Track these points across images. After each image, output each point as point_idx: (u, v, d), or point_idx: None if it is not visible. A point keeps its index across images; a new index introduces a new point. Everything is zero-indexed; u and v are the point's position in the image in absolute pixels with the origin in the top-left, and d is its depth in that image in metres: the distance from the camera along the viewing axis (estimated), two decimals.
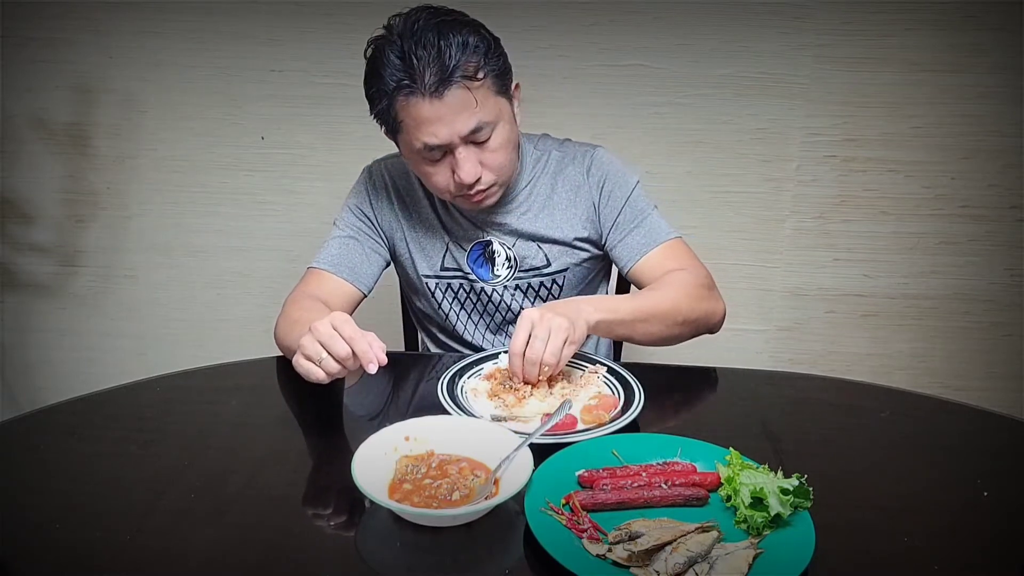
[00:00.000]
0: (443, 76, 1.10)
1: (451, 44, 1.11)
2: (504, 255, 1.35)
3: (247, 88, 2.03)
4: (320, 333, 1.00)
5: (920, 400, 1.19)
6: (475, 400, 1.10)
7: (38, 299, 2.27)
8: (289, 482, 0.93)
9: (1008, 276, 2.06)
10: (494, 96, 1.17)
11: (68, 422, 1.08)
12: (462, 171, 1.17)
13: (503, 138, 1.19)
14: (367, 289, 1.36)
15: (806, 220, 2.06)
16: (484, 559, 0.81)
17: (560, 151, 1.37)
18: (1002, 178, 1.97)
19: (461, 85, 1.11)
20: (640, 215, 1.32)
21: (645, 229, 1.32)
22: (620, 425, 1.00)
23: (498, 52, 1.17)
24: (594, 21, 1.92)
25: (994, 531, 0.86)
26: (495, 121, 1.17)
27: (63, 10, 1.99)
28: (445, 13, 1.15)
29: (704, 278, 1.28)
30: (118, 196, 2.16)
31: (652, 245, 1.31)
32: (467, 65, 1.12)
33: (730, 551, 0.78)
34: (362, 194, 1.39)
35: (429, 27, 1.11)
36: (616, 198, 1.33)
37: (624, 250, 1.33)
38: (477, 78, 1.13)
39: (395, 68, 1.12)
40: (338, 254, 1.34)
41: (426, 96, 1.11)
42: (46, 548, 0.80)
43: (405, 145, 1.21)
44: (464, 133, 1.14)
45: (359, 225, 1.38)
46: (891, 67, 1.90)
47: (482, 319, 1.41)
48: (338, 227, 1.38)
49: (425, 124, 1.14)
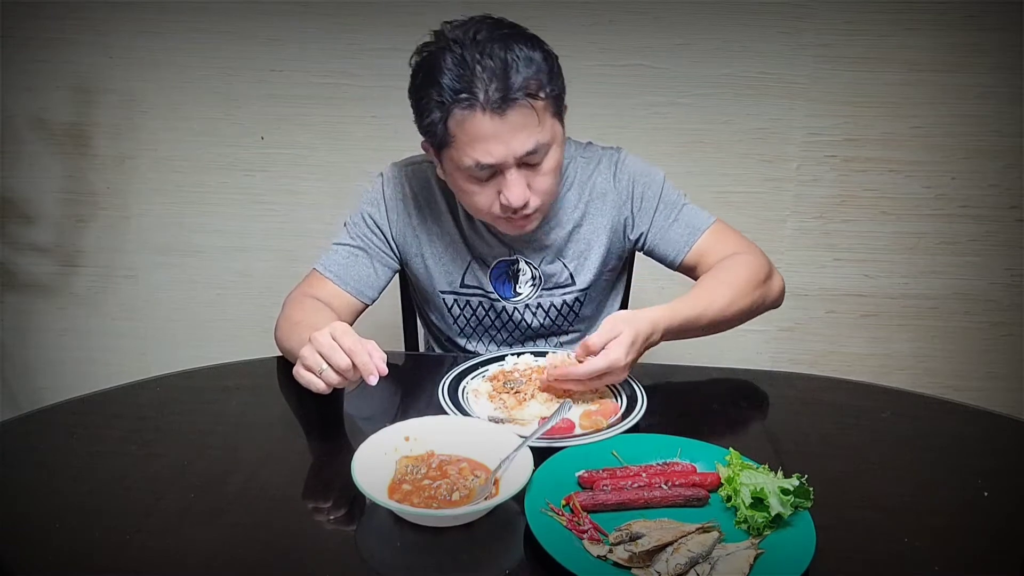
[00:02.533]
0: (507, 92, 1.04)
1: (518, 59, 1.05)
2: (529, 273, 1.31)
3: (247, 88, 2.03)
4: (320, 344, 0.99)
5: (920, 400, 1.19)
6: (475, 401, 1.10)
7: (38, 299, 2.27)
8: (289, 482, 0.93)
9: (1008, 276, 2.06)
10: (551, 117, 1.12)
11: (68, 422, 1.08)
12: (511, 194, 1.11)
13: (554, 162, 1.14)
14: (371, 301, 1.33)
15: (806, 220, 2.06)
16: (484, 559, 0.81)
17: (585, 157, 1.32)
18: (1002, 178, 1.97)
19: (525, 103, 1.06)
20: (675, 208, 1.30)
21: (684, 220, 1.30)
22: (616, 432, 1.00)
23: (559, 71, 1.12)
24: (594, 21, 1.91)
25: (994, 531, 0.86)
26: (550, 143, 1.12)
27: (63, 10, 1.99)
28: (509, 25, 1.09)
29: (760, 259, 1.26)
30: (118, 196, 2.16)
31: (696, 234, 1.29)
32: (532, 82, 1.06)
33: (731, 551, 0.78)
34: (376, 203, 1.32)
35: (495, 38, 1.05)
36: (649, 198, 1.30)
37: (668, 246, 1.30)
38: (540, 97, 1.08)
39: (455, 78, 1.05)
40: (344, 264, 1.30)
41: (487, 112, 1.05)
42: (46, 548, 0.80)
43: (451, 160, 1.13)
44: (520, 154, 1.09)
45: (370, 236, 1.32)
46: (891, 67, 1.90)
47: (499, 334, 1.37)
48: (348, 233, 1.33)
49: (481, 141, 1.07)
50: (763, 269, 1.25)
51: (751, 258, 1.25)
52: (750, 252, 1.27)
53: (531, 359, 1.19)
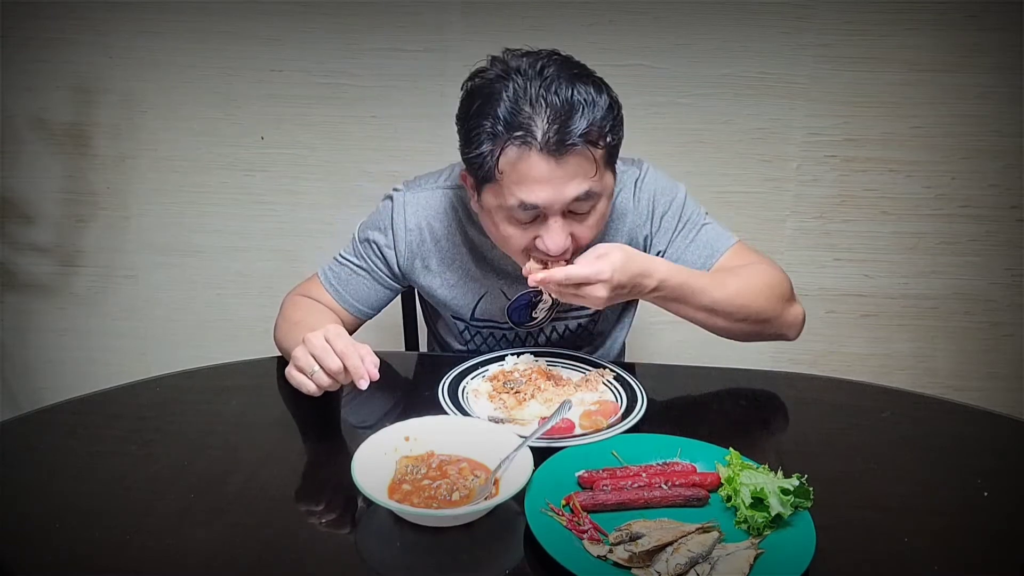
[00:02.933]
0: (568, 136, 0.98)
1: (583, 101, 0.99)
2: (550, 302, 1.27)
3: (247, 88, 2.03)
4: (313, 346, 0.99)
5: (920, 400, 1.19)
6: (475, 401, 1.10)
7: (38, 299, 2.27)
8: (289, 482, 0.94)
9: (1008, 276, 2.06)
10: (605, 168, 1.05)
11: (68, 422, 1.08)
12: (551, 241, 1.04)
13: (600, 214, 1.08)
14: (368, 317, 1.32)
15: (806, 220, 2.05)
16: (484, 559, 0.81)
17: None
18: (1002, 178, 1.97)
19: (583, 150, 1.00)
20: (695, 227, 1.24)
21: (702, 241, 1.23)
22: (616, 432, 1.00)
23: (621, 121, 1.06)
24: (594, 21, 1.91)
25: (994, 531, 0.86)
26: (601, 194, 1.06)
27: (63, 10, 1.99)
28: (577, 65, 1.05)
29: (781, 275, 1.20)
30: (118, 196, 2.16)
31: (715, 256, 1.22)
32: (594, 129, 1.00)
33: (731, 551, 0.78)
34: (384, 230, 1.25)
35: (562, 76, 1.00)
36: (668, 219, 1.24)
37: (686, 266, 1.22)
38: (599, 145, 1.02)
39: (513, 112, 0.99)
40: (345, 280, 1.28)
41: (543, 153, 0.99)
42: (46, 548, 0.80)
43: (493, 196, 1.06)
44: (569, 200, 1.02)
45: (374, 260, 1.27)
46: (891, 67, 1.90)
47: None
48: (354, 248, 1.29)
49: (531, 183, 1.01)
50: (783, 285, 1.19)
51: (773, 269, 1.20)
52: (773, 267, 1.21)
53: (531, 359, 1.19)
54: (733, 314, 1.13)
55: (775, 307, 1.17)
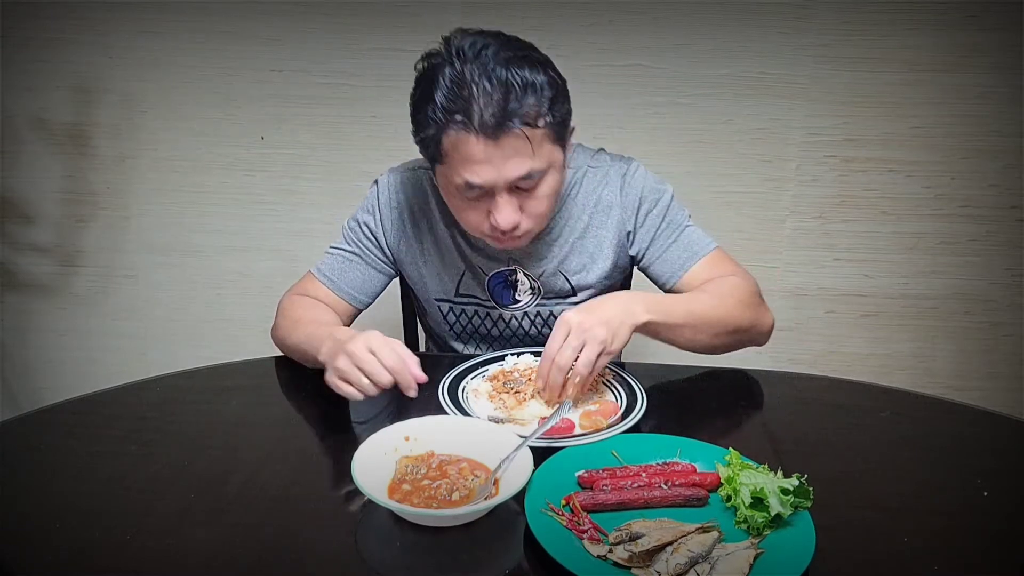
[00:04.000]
0: (502, 118, 1.01)
1: (519, 84, 1.01)
2: (528, 284, 1.30)
3: (247, 88, 2.03)
4: (360, 359, 0.99)
5: (920, 400, 1.19)
6: (475, 401, 1.10)
7: (38, 299, 2.27)
8: (289, 482, 0.93)
9: (1008, 276, 2.06)
10: (550, 144, 1.08)
11: (68, 422, 1.08)
12: (500, 216, 1.09)
13: (549, 187, 1.12)
14: (364, 306, 1.33)
15: (806, 220, 2.05)
16: (484, 559, 0.81)
17: (594, 166, 1.29)
18: (1002, 178, 1.97)
19: (520, 131, 1.02)
20: (677, 230, 1.27)
21: (683, 243, 1.26)
22: (616, 432, 1.00)
23: (564, 98, 1.09)
24: (593, 21, 1.91)
25: (994, 531, 0.86)
26: (545, 170, 1.09)
27: (63, 10, 1.99)
28: (517, 47, 1.06)
29: (753, 287, 1.23)
30: (118, 196, 2.16)
31: (693, 259, 1.25)
32: (531, 110, 1.03)
33: (731, 551, 0.78)
34: (371, 211, 1.31)
35: (499, 60, 1.02)
36: (653, 217, 1.27)
37: (663, 266, 1.27)
38: (538, 125, 1.04)
39: (451, 97, 1.02)
40: (338, 269, 1.30)
41: (480, 136, 1.02)
42: (46, 548, 0.80)
43: (444, 176, 1.13)
44: (511, 179, 1.06)
45: (364, 243, 1.31)
46: (891, 67, 1.90)
47: (496, 342, 1.37)
48: (344, 237, 1.33)
49: (472, 163, 1.05)
50: (754, 295, 1.22)
51: (742, 281, 1.23)
52: (743, 278, 1.24)
53: (531, 359, 1.19)
54: (716, 325, 1.16)
55: (752, 317, 1.21)
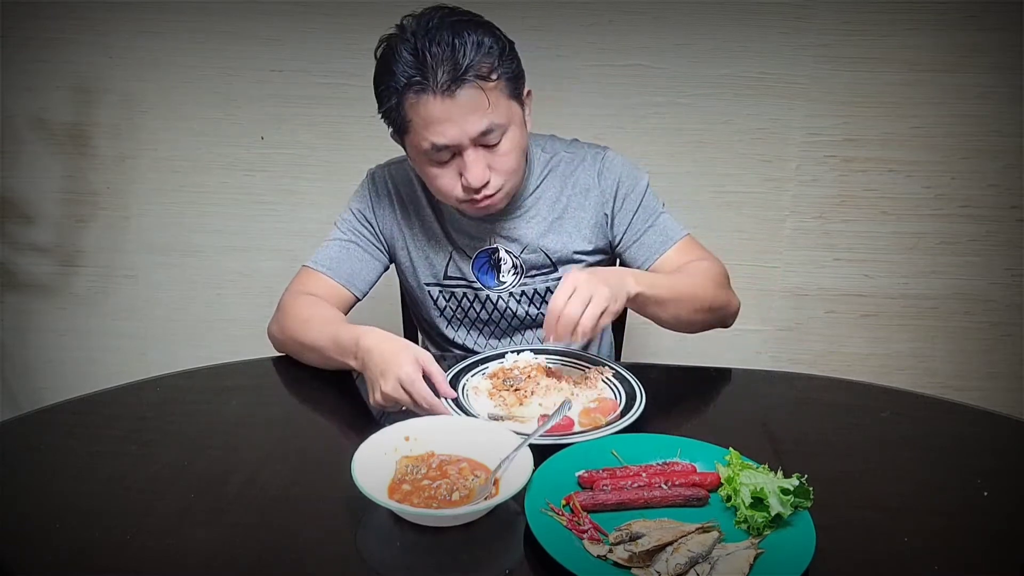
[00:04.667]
0: (456, 75, 1.09)
1: (465, 43, 1.09)
2: (510, 263, 1.34)
3: (247, 88, 2.03)
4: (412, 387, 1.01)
5: (920, 400, 1.19)
6: (475, 399, 1.10)
7: (38, 299, 2.27)
8: (289, 482, 0.93)
9: (1008, 276, 2.06)
10: (506, 99, 1.15)
11: (68, 422, 1.08)
12: (470, 174, 1.15)
13: (513, 142, 1.18)
14: (361, 294, 1.35)
15: (806, 220, 2.05)
16: (484, 559, 0.81)
17: (569, 152, 1.35)
18: (1002, 178, 1.97)
19: (474, 85, 1.10)
20: (653, 215, 1.33)
21: (659, 229, 1.32)
22: (616, 429, 1.00)
23: (512, 55, 1.16)
24: (594, 21, 1.91)
25: (994, 531, 0.86)
26: (506, 124, 1.16)
27: (63, 10, 1.99)
28: (461, 13, 1.14)
29: (724, 271, 1.30)
30: (118, 196, 2.16)
31: (668, 244, 1.31)
32: (481, 65, 1.10)
33: (731, 551, 0.78)
34: (364, 199, 1.37)
35: (444, 25, 1.10)
36: (631, 201, 1.32)
37: (640, 250, 1.32)
38: (491, 79, 1.12)
39: (407, 65, 1.10)
40: (336, 257, 1.33)
41: (437, 94, 1.10)
42: (46, 548, 0.80)
43: (412, 147, 1.19)
44: (474, 134, 1.13)
45: (360, 230, 1.36)
46: (891, 67, 1.90)
47: (486, 326, 1.39)
48: (339, 229, 1.36)
49: (435, 123, 1.12)
50: (725, 278, 1.29)
51: (713, 264, 1.29)
52: (713, 262, 1.30)
53: (530, 357, 1.19)
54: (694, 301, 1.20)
55: (724, 298, 1.26)
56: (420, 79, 1.10)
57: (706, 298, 1.22)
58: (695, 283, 1.22)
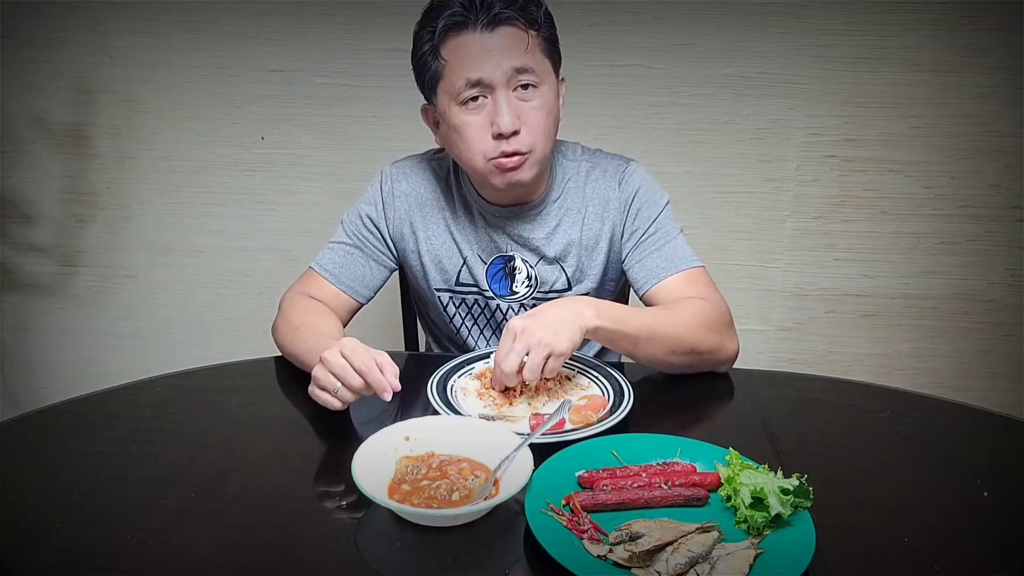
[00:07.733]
0: (499, 11, 1.11)
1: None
2: (525, 273, 1.31)
3: (247, 88, 2.03)
4: (332, 364, 1.00)
5: (920, 400, 1.19)
6: (464, 399, 1.10)
7: (38, 299, 2.27)
8: (289, 482, 0.93)
9: (1008, 276, 2.06)
10: (543, 56, 1.17)
11: (68, 422, 1.08)
12: (502, 119, 1.13)
13: (545, 101, 1.17)
14: (365, 300, 1.34)
15: (806, 220, 2.05)
16: (484, 559, 0.81)
17: (591, 162, 1.33)
18: (1002, 178, 1.97)
19: (514, 24, 1.13)
20: (664, 237, 1.28)
21: (667, 253, 1.27)
22: (608, 425, 1.00)
23: (552, 23, 1.19)
24: (594, 21, 1.91)
25: (994, 531, 0.86)
26: (541, 76, 1.16)
27: (63, 10, 1.99)
28: None
29: (723, 313, 1.21)
30: (118, 196, 2.16)
31: (672, 271, 1.25)
32: (524, 12, 1.13)
33: (731, 551, 0.78)
34: (374, 202, 1.33)
35: None
36: (643, 216, 1.29)
37: (642, 271, 1.27)
38: (531, 24, 1.14)
39: (446, 7, 1.13)
40: (340, 262, 1.31)
41: (477, 29, 1.12)
42: (46, 548, 0.80)
43: (445, 93, 1.17)
44: (509, 69, 1.13)
45: (365, 235, 1.33)
46: (891, 67, 1.90)
47: (495, 334, 1.37)
48: (344, 230, 1.34)
49: (471, 58, 1.12)
50: (720, 321, 1.19)
51: (710, 305, 1.20)
52: (714, 303, 1.22)
53: None
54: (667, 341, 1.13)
55: (713, 342, 1.18)
56: (463, 14, 1.12)
57: (688, 340, 1.14)
58: (677, 322, 1.15)
